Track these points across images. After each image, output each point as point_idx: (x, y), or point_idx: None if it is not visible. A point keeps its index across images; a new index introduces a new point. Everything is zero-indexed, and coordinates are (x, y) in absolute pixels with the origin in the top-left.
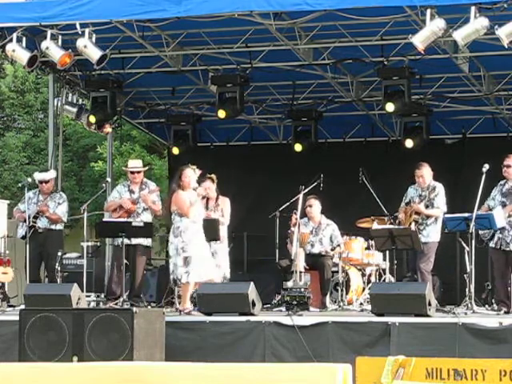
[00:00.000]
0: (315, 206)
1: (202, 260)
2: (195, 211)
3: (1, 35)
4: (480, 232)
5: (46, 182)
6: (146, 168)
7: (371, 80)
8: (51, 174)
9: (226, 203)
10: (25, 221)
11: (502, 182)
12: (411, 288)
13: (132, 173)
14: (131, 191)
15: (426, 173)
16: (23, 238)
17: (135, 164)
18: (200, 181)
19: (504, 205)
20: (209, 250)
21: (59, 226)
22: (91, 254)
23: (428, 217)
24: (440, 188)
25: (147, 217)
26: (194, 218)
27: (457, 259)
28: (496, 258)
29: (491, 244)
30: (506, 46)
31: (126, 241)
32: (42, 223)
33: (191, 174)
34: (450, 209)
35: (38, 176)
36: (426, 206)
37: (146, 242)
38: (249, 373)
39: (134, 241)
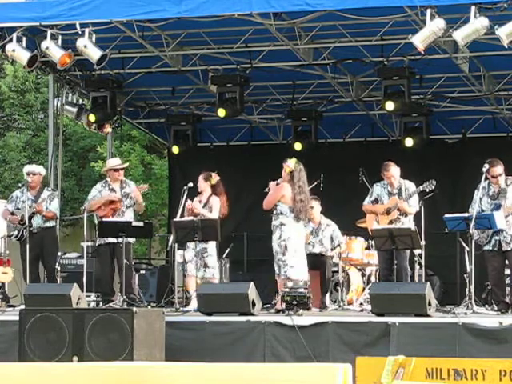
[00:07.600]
0: (316, 207)
1: None
2: None
3: (1, 35)
4: (476, 237)
5: (35, 174)
6: (127, 164)
7: (371, 80)
8: (40, 168)
9: (215, 201)
10: (19, 223)
11: (484, 185)
12: (411, 288)
13: (116, 170)
14: (112, 190)
15: (395, 173)
16: (18, 239)
17: (117, 162)
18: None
19: (499, 207)
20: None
21: (52, 223)
22: (91, 254)
23: (403, 215)
24: (414, 187)
25: (130, 215)
26: None
27: (457, 259)
28: (493, 259)
29: (487, 247)
30: (506, 45)
31: (114, 239)
32: (36, 223)
33: None
34: (450, 209)
35: (26, 168)
36: None
37: (132, 239)
38: (249, 373)
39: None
